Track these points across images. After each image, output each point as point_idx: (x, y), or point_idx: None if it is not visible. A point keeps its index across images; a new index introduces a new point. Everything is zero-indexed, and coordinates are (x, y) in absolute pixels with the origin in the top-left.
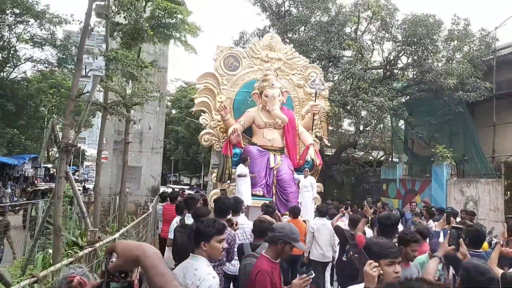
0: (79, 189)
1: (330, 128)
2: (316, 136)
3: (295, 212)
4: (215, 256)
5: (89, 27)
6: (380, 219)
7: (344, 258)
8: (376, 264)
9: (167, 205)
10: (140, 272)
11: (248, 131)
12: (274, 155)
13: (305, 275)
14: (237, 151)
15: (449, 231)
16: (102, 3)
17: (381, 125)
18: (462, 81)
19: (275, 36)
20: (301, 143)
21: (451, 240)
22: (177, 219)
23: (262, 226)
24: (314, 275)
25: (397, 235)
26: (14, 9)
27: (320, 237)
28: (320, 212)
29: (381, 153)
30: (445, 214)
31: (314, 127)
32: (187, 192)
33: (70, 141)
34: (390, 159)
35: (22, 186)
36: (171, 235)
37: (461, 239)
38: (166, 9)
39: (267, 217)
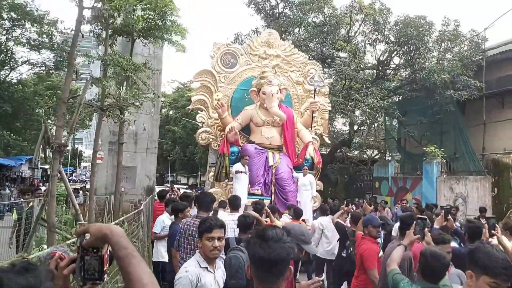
0: (77, 188)
1: None
2: (315, 134)
3: (297, 213)
4: (207, 254)
5: (80, 34)
6: (402, 218)
7: (343, 254)
8: None
9: (157, 203)
10: (110, 249)
11: (246, 129)
12: (273, 153)
13: (316, 277)
14: (235, 150)
15: (415, 222)
16: (98, 4)
17: (375, 124)
18: (453, 78)
19: (273, 33)
20: (300, 140)
21: (417, 230)
22: (163, 216)
23: (246, 221)
24: (323, 277)
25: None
26: (11, 13)
27: (329, 235)
28: (332, 211)
29: (376, 151)
30: (443, 211)
31: (313, 125)
32: (176, 188)
33: (62, 142)
34: (384, 157)
35: (19, 187)
36: (155, 229)
37: (426, 229)
38: (156, 10)
39: (253, 212)
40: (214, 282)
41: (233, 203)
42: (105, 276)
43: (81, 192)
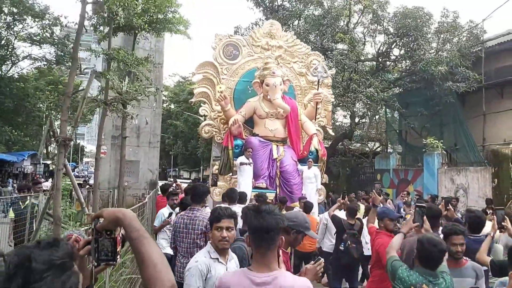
0: (79, 183)
1: None
2: (319, 126)
3: (308, 207)
4: (216, 244)
5: (84, 28)
6: None
7: (341, 247)
8: None
9: (159, 197)
10: (122, 232)
11: (250, 122)
12: (277, 146)
13: (312, 261)
14: (239, 143)
15: (413, 210)
16: None
17: (377, 117)
18: (452, 70)
19: (275, 23)
20: (304, 133)
21: (416, 218)
22: (164, 210)
23: None
24: (322, 259)
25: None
26: (12, 8)
27: (333, 229)
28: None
29: (377, 144)
30: (443, 201)
31: (317, 116)
32: (179, 182)
33: (67, 136)
34: (386, 150)
35: (21, 183)
36: (156, 223)
37: (424, 217)
38: (157, 5)
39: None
40: None
41: (230, 195)
42: (118, 257)
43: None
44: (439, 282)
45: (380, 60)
